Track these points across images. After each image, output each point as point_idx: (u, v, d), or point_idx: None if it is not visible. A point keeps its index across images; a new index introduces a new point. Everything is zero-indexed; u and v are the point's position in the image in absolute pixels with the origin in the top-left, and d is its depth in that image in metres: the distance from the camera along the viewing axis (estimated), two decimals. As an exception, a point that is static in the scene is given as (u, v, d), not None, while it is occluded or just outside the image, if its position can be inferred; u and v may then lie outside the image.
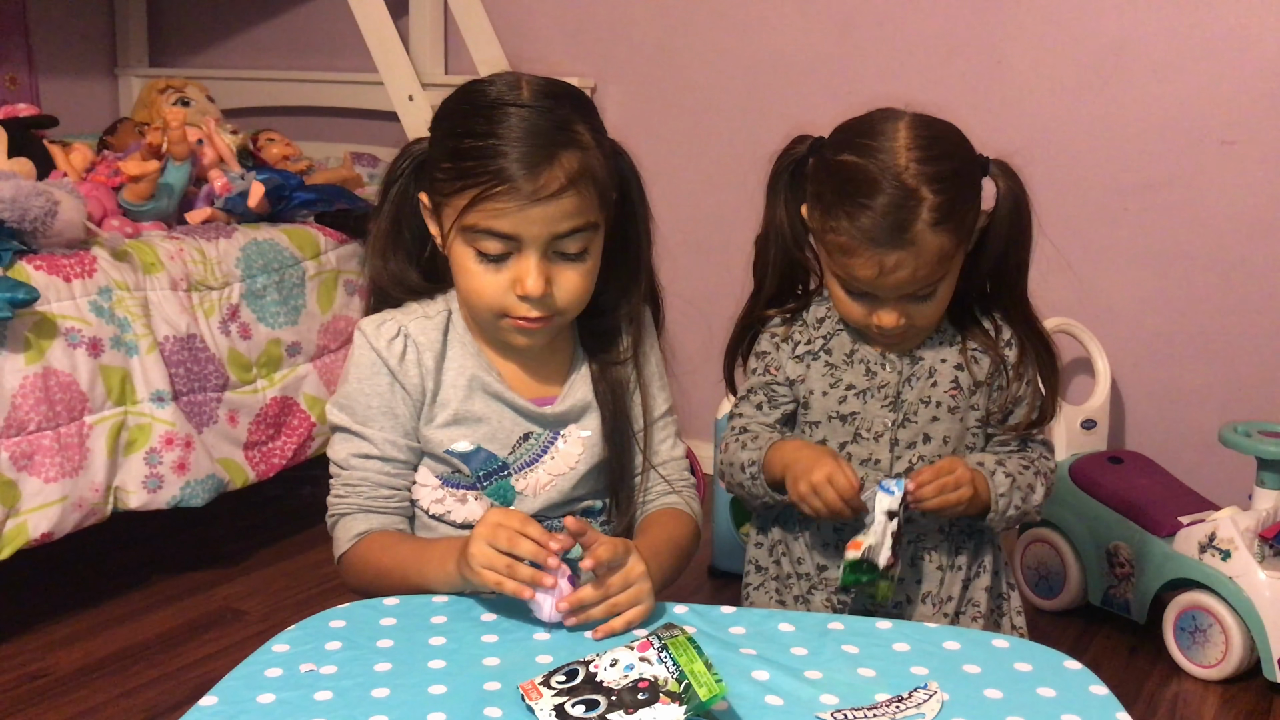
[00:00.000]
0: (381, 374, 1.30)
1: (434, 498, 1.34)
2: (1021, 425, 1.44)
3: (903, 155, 1.30)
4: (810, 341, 1.46)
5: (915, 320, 1.37)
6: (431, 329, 1.32)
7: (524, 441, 1.33)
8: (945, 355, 1.43)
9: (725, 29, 2.90)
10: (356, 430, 1.31)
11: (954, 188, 1.31)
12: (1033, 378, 1.44)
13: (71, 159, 2.49)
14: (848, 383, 1.44)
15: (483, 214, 1.21)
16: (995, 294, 1.43)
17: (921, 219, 1.28)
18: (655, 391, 1.42)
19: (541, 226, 1.21)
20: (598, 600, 1.15)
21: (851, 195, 1.31)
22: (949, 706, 1.00)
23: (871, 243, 1.30)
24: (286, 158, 2.90)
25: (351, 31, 2.90)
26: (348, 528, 1.32)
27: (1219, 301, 2.45)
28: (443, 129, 1.28)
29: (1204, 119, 2.42)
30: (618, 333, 1.38)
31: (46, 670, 1.99)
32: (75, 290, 2.09)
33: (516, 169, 1.19)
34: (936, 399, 1.42)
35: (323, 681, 1.04)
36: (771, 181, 1.45)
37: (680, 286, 1.46)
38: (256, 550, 2.50)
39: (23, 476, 1.99)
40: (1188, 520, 2.09)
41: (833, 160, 1.36)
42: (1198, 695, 2.00)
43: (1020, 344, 1.44)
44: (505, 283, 1.24)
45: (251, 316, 2.40)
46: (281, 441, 2.44)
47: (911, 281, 1.32)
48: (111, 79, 3.79)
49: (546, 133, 1.21)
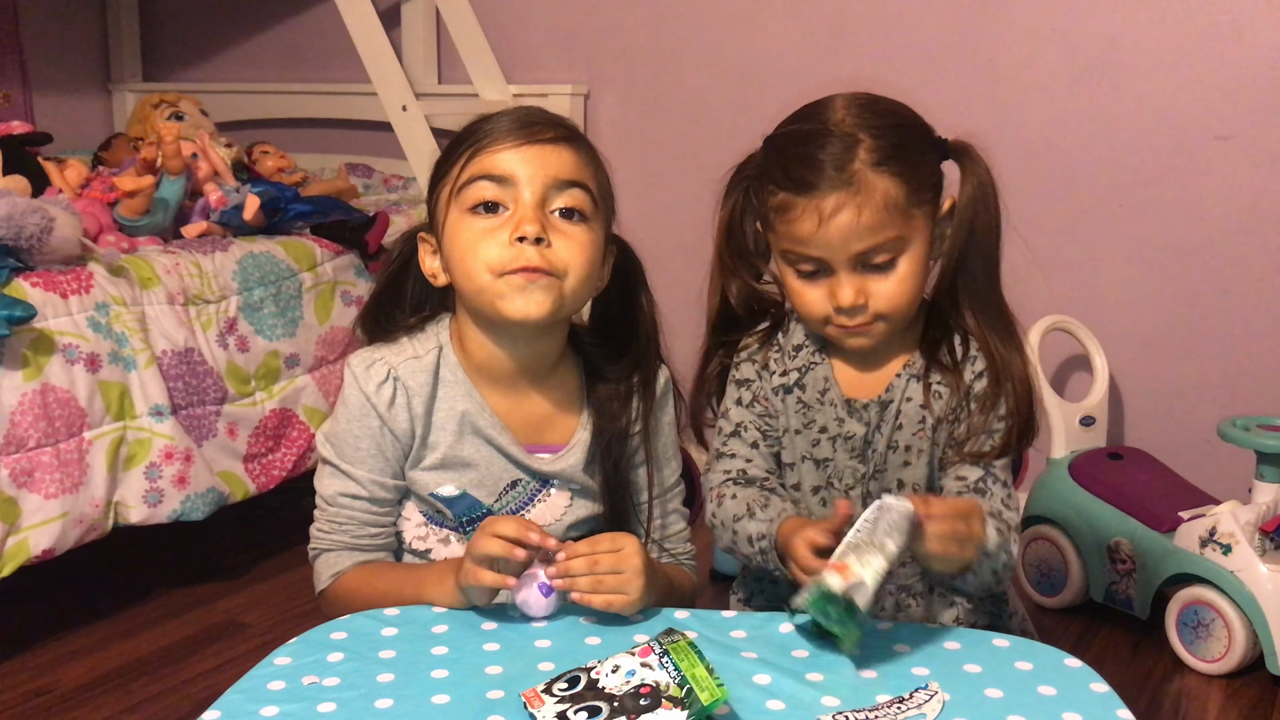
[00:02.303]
0: (370, 416, 1.29)
1: (417, 534, 1.34)
2: (977, 452, 1.29)
3: (840, 112, 1.24)
4: (785, 373, 1.36)
5: (876, 301, 1.24)
6: (421, 371, 1.30)
7: (511, 489, 1.32)
8: (912, 393, 1.32)
9: (716, 34, 2.91)
10: (345, 470, 1.31)
11: (897, 135, 1.23)
12: (1008, 411, 1.29)
13: (66, 175, 2.49)
14: (820, 425, 1.34)
15: (477, 165, 1.24)
16: (964, 295, 1.30)
17: (859, 158, 1.20)
18: (664, 463, 1.39)
19: (536, 167, 1.24)
20: (584, 572, 1.15)
21: (786, 151, 1.26)
22: (950, 706, 1.01)
23: (808, 188, 1.21)
24: (281, 170, 2.91)
25: (344, 43, 2.91)
26: (329, 563, 1.32)
27: (1216, 296, 2.45)
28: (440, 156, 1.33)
29: (1198, 114, 2.42)
30: (629, 400, 1.36)
31: (50, 686, 1.99)
32: (72, 306, 2.09)
33: (518, 121, 1.26)
34: (904, 443, 1.32)
35: (326, 693, 1.04)
36: (724, 195, 1.39)
37: (674, 293, 1.45)
38: (258, 563, 2.50)
39: (23, 493, 1.99)
40: (1188, 515, 2.09)
41: (770, 137, 1.31)
42: (1202, 690, 2.00)
43: (993, 371, 1.30)
44: (501, 235, 1.23)
45: (249, 329, 2.40)
46: (281, 453, 2.44)
47: (856, 229, 1.20)
48: (105, 94, 3.80)
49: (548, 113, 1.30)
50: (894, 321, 1.28)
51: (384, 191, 3.13)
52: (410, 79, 2.94)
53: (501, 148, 1.24)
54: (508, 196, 1.23)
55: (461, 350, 1.32)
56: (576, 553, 1.16)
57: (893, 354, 1.34)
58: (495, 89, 3.08)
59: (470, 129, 1.28)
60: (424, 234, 1.33)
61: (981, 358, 1.31)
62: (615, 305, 1.38)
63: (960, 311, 1.32)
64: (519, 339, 1.29)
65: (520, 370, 1.31)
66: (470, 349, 1.31)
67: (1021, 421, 1.30)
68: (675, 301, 1.44)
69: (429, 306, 1.37)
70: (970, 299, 1.31)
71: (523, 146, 1.23)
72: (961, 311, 1.32)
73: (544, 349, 1.32)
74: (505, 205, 1.23)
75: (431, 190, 1.30)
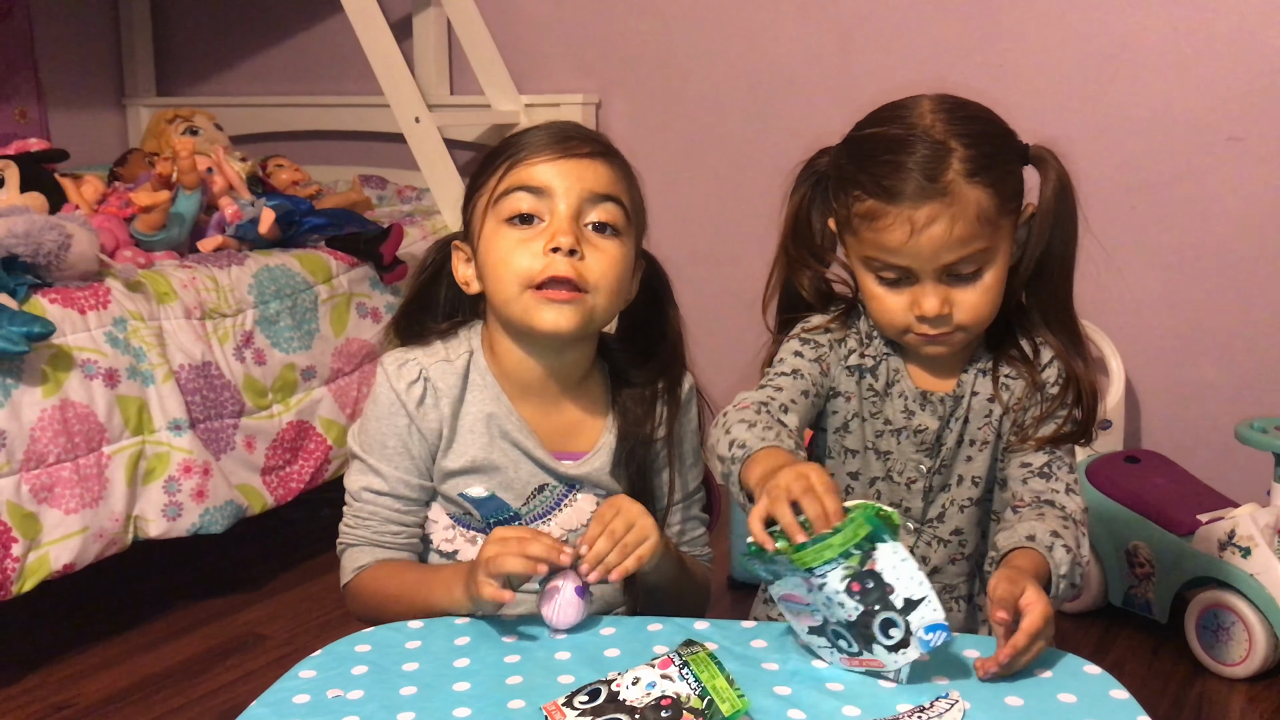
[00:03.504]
0: (400, 415, 1.31)
1: (445, 536, 1.35)
2: (1047, 436, 1.30)
3: (928, 116, 1.21)
4: (862, 357, 1.34)
5: (959, 312, 1.23)
6: (451, 373, 1.32)
7: (539, 493, 1.33)
8: (979, 387, 1.32)
9: (727, 41, 2.91)
10: (372, 465, 1.32)
11: (987, 143, 1.21)
12: (1073, 402, 1.30)
13: (83, 191, 2.51)
14: (885, 416, 1.33)
15: (515, 176, 1.26)
16: (1037, 297, 1.31)
17: (953, 168, 1.18)
18: (687, 469, 1.41)
19: (573, 180, 1.25)
20: (610, 548, 1.19)
21: (874, 156, 1.22)
22: (970, 715, 1.01)
23: (900, 198, 1.19)
24: (296, 183, 2.92)
25: (356, 55, 2.92)
26: (352, 559, 1.33)
27: (1231, 298, 2.44)
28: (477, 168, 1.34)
29: (1210, 115, 2.42)
30: (654, 405, 1.37)
31: (72, 700, 2.00)
32: (90, 322, 2.11)
33: (556, 135, 1.28)
34: (970, 437, 1.32)
35: (349, 706, 1.04)
36: (792, 190, 1.37)
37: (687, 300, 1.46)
38: (277, 574, 2.51)
39: (43, 509, 2.01)
40: (1206, 518, 2.09)
41: (853, 138, 1.28)
42: (1223, 694, 2.00)
43: (1064, 368, 1.30)
44: (536, 247, 1.25)
45: (265, 342, 2.41)
46: (299, 465, 2.45)
47: (948, 242, 1.18)
48: (120, 110, 3.83)
49: (583, 128, 1.32)
50: (972, 332, 1.28)
51: (398, 203, 3.14)
52: (422, 90, 2.96)
53: (538, 160, 1.26)
54: (543, 208, 1.25)
55: (492, 356, 1.34)
56: (593, 538, 1.19)
57: (965, 351, 1.33)
58: (507, 99, 3.09)
59: (508, 141, 1.30)
60: (458, 242, 1.35)
61: (1050, 352, 1.32)
62: (642, 315, 1.40)
63: (1032, 313, 1.32)
64: (548, 349, 1.31)
65: (549, 379, 1.33)
66: (500, 356, 1.33)
67: (1086, 415, 1.30)
68: (689, 308, 1.45)
69: (461, 313, 1.39)
70: (1043, 301, 1.31)
71: (559, 160, 1.25)
72: (1033, 313, 1.32)
73: (573, 360, 1.33)
74: (541, 217, 1.25)
75: (468, 200, 1.33)
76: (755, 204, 2.88)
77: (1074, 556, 1.19)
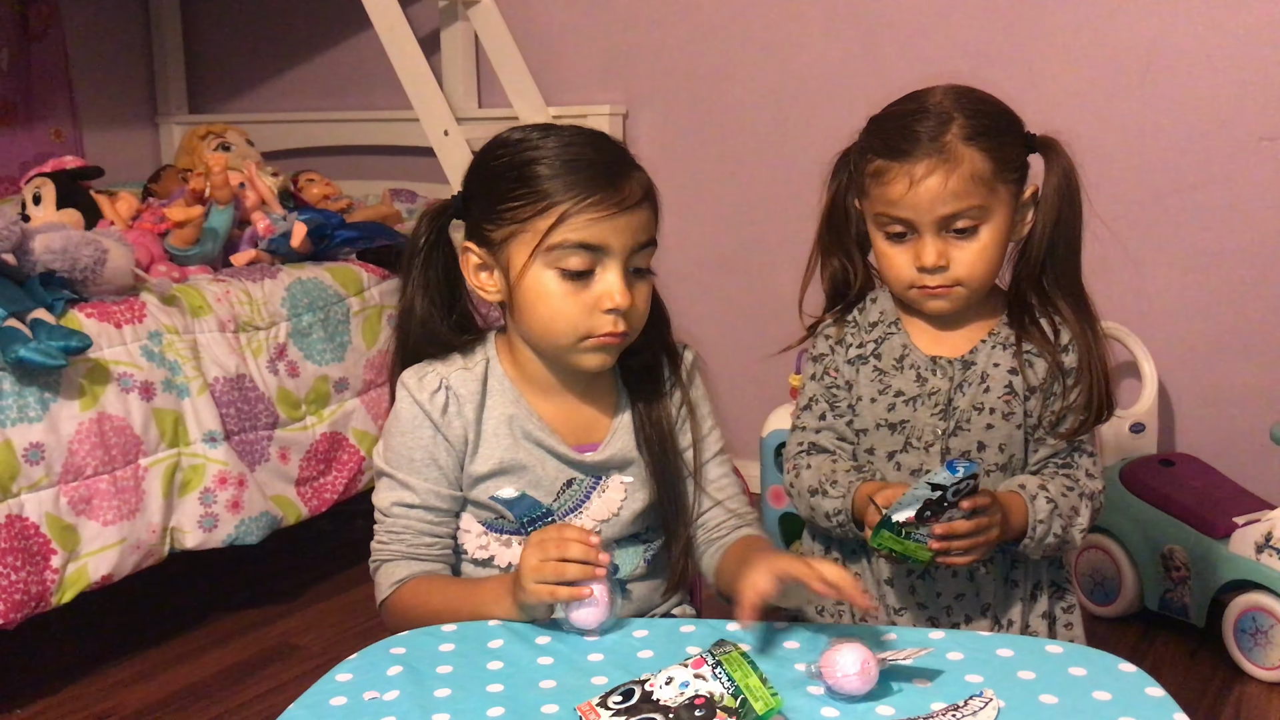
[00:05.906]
0: (425, 426, 1.32)
1: (478, 544, 1.35)
2: (1070, 430, 1.40)
3: (938, 95, 1.37)
4: (861, 345, 1.46)
5: (957, 267, 1.36)
6: (471, 380, 1.33)
7: (568, 488, 1.34)
8: (999, 359, 1.41)
9: (752, 51, 2.92)
10: (401, 479, 1.33)
11: (989, 118, 1.35)
12: (1088, 386, 1.40)
13: (118, 208, 2.54)
14: (897, 389, 1.42)
15: (570, 228, 1.23)
16: (1050, 276, 1.41)
17: (952, 131, 1.33)
18: (708, 430, 1.42)
19: (627, 236, 1.25)
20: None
21: (886, 127, 1.38)
22: (1005, 714, 1.00)
23: (903, 155, 1.33)
24: (327, 197, 2.95)
25: (385, 70, 2.95)
26: (389, 574, 1.34)
27: (1264, 299, 2.42)
28: (495, 169, 1.30)
29: (1241, 116, 2.40)
30: (659, 368, 1.40)
31: (112, 710, 2.03)
32: (126, 336, 2.13)
33: (602, 179, 1.24)
34: (990, 405, 1.40)
35: (385, 708, 1.05)
36: (830, 177, 1.49)
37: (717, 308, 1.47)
38: (312, 585, 2.52)
39: (82, 520, 2.03)
40: (1243, 520, 2.07)
41: (874, 117, 1.42)
42: (1262, 697, 1.98)
43: (1080, 346, 1.40)
44: (589, 301, 1.25)
45: (299, 354, 2.43)
46: (333, 476, 2.47)
47: (943, 194, 1.32)
48: (153, 127, 3.87)
49: (614, 151, 1.29)
50: (971, 288, 1.38)
51: (427, 216, 3.15)
52: (451, 104, 2.97)
53: (596, 215, 1.24)
54: (595, 261, 1.26)
55: (510, 362, 1.35)
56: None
57: (971, 320, 1.44)
58: (535, 111, 3.10)
59: (552, 174, 1.25)
60: (469, 243, 1.34)
61: (1068, 334, 1.42)
62: None
63: (1046, 292, 1.43)
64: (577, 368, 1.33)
65: (568, 382, 1.35)
66: (522, 364, 1.35)
67: (1101, 395, 1.40)
68: (713, 316, 1.46)
69: (457, 307, 1.39)
70: (1055, 280, 1.42)
71: (616, 216, 1.24)
72: (1048, 292, 1.42)
73: None
74: (592, 269, 1.26)
75: (495, 218, 1.29)
76: (783, 212, 2.89)
77: (1057, 510, 1.36)
